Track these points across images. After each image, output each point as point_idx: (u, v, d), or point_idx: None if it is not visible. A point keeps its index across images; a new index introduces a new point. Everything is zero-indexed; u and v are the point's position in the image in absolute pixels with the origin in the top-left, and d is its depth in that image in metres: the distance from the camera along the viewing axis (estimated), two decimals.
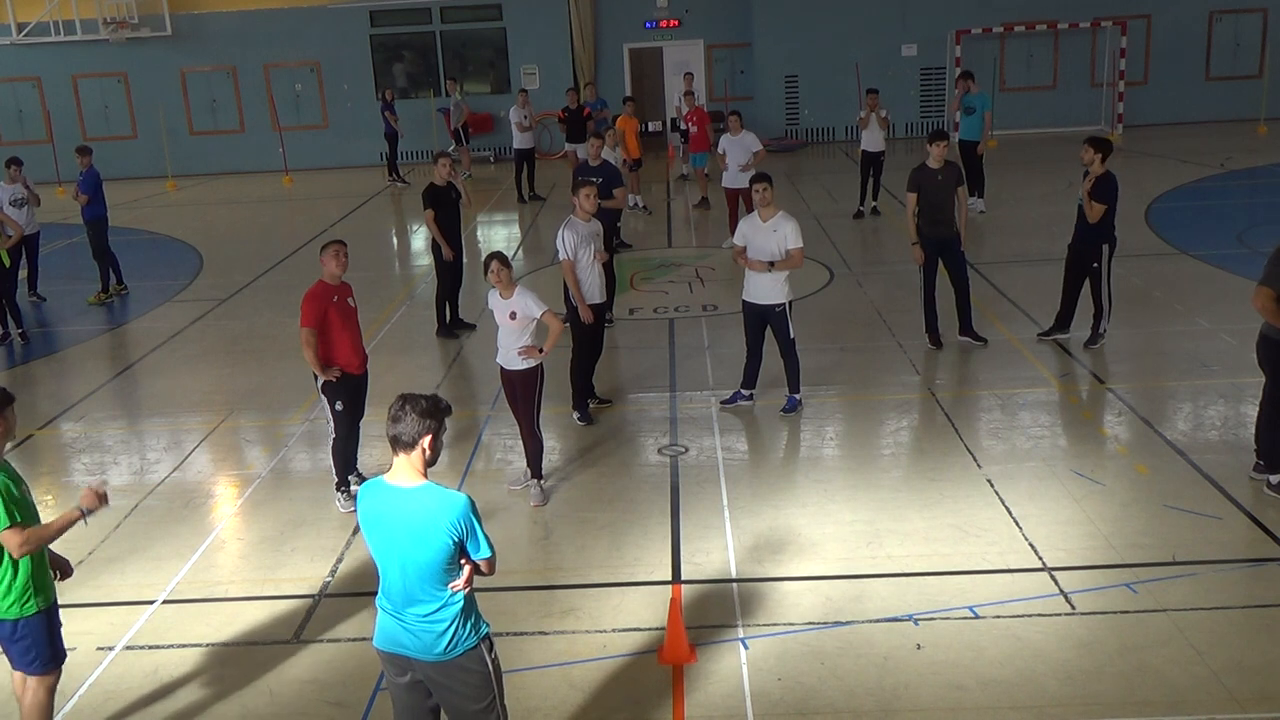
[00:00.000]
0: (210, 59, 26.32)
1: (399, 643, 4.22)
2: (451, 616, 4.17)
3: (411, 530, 4.08)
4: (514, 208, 20.15)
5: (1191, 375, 9.58)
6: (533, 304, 7.49)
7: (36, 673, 4.95)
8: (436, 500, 4.10)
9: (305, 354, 7.50)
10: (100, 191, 14.30)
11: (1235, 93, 24.97)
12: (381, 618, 4.27)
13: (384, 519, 4.14)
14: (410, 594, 4.14)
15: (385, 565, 4.19)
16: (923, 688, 5.43)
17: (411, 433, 4.10)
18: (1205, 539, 6.74)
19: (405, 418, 4.10)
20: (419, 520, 4.08)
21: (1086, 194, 9.90)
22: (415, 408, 4.12)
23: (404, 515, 4.10)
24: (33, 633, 4.87)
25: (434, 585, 4.13)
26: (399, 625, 4.20)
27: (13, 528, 4.65)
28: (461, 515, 4.09)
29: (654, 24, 26.32)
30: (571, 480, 8.11)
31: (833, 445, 8.69)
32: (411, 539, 4.08)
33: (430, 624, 4.15)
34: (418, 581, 4.12)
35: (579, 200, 9.02)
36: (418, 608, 4.15)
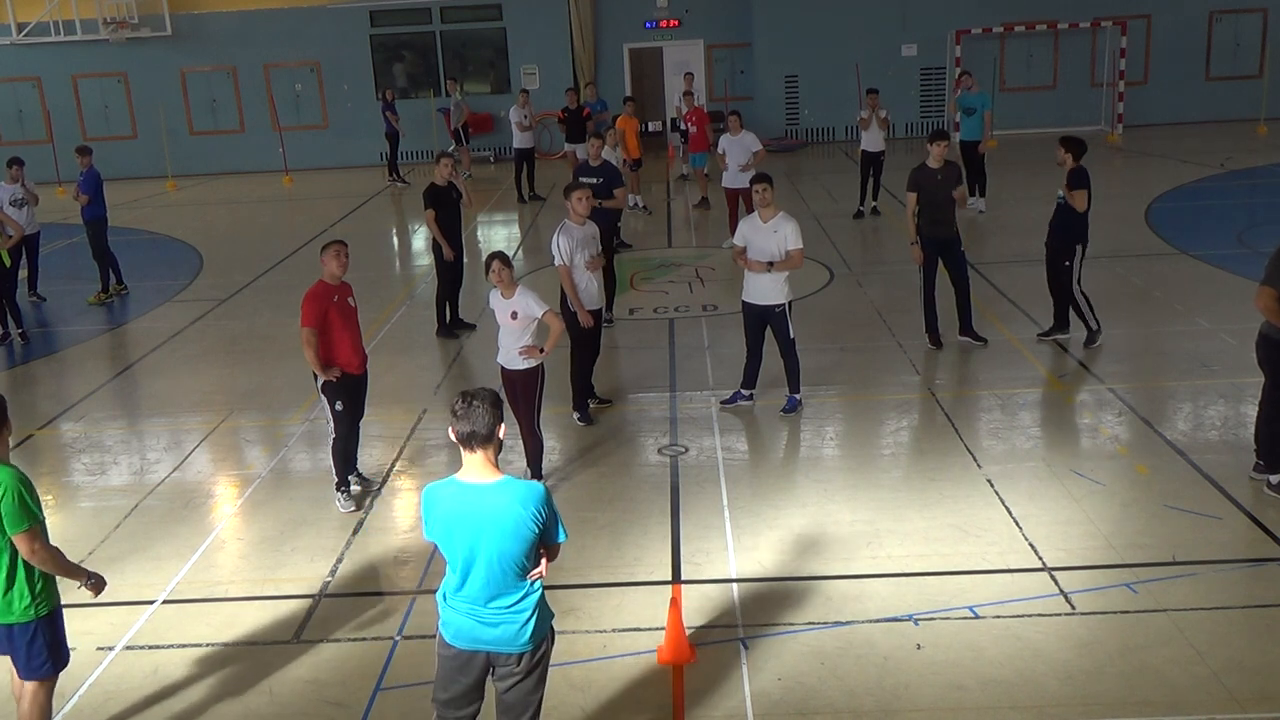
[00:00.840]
0: (210, 59, 26.33)
1: (480, 639, 4.27)
2: (533, 605, 4.27)
3: (498, 524, 4.13)
4: (514, 208, 20.16)
5: (1191, 375, 9.59)
6: (534, 304, 7.49)
7: (44, 676, 4.93)
8: (518, 491, 4.18)
9: (305, 354, 7.50)
10: (100, 192, 14.31)
11: (1235, 93, 24.97)
12: (453, 616, 4.29)
13: (467, 517, 4.17)
14: (495, 588, 4.20)
15: (468, 563, 4.21)
16: (923, 688, 5.43)
17: (488, 424, 4.14)
18: (1205, 539, 6.74)
19: (476, 411, 4.13)
20: (505, 513, 4.13)
21: (1066, 188, 9.94)
22: (483, 400, 4.15)
23: (490, 510, 4.15)
24: (43, 636, 4.86)
25: (517, 576, 4.21)
26: (478, 622, 4.24)
27: (33, 529, 4.66)
28: (543, 502, 4.20)
29: (654, 24, 26.33)
30: (571, 480, 8.11)
31: (833, 445, 8.69)
32: (499, 532, 4.14)
33: (515, 614, 4.23)
34: (502, 574, 4.18)
35: (572, 204, 8.97)
36: (502, 600, 4.22)
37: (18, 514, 4.62)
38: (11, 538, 4.66)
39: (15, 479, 4.65)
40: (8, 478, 4.64)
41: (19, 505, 4.62)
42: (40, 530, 4.71)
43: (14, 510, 4.62)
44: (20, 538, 4.65)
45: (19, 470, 4.73)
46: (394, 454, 8.74)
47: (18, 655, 4.88)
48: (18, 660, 4.89)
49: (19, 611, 4.78)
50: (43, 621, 4.84)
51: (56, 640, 4.94)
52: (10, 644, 4.86)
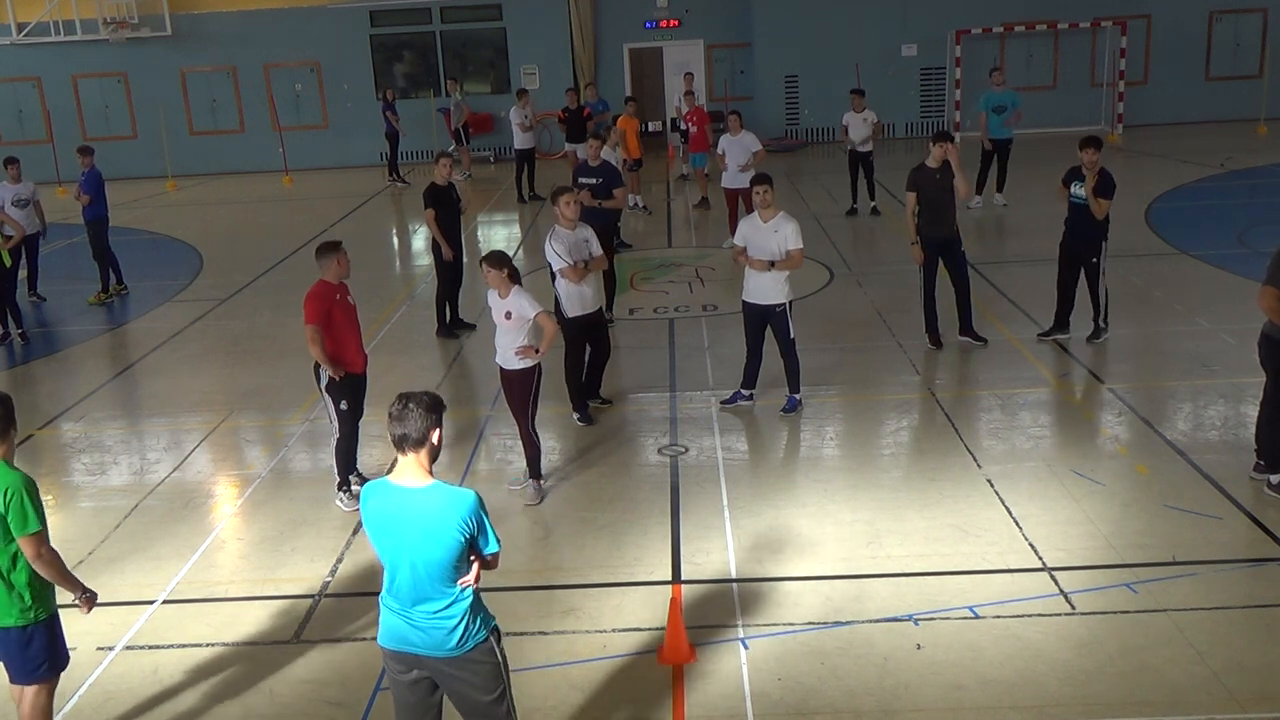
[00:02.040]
0: (210, 59, 26.33)
1: (407, 641, 4.23)
2: (461, 612, 4.19)
3: (423, 529, 4.10)
4: (514, 208, 20.16)
5: (1191, 375, 9.58)
6: (527, 305, 7.48)
7: (41, 680, 4.91)
8: (446, 498, 4.13)
9: (313, 350, 7.48)
10: (102, 192, 14.30)
11: (1235, 93, 24.97)
12: (387, 616, 4.28)
13: (393, 519, 4.15)
14: (420, 592, 4.16)
15: (393, 565, 4.19)
16: (923, 688, 5.43)
17: (420, 429, 4.12)
18: (1205, 539, 6.74)
19: (410, 415, 4.12)
20: (430, 519, 4.09)
21: (1092, 192, 9.91)
22: (419, 404, 4.14)
23: (414, 514, 4.11)
24: (40, 639, 4.84)
25: (444, 582, 4.15)
26: (407, 623, 4.21)
27: (39, 534, 4.65)
28: (471, 511, 4.13)
29: (654, 24, 26.33)
30: (571, 480, 8.11)
31: (833, 445, 8.69)
32: (423, 537, 4.09)
33: (441, 620, 4.17)
34: (428, 579, 4.14)
35: (560, 209, 8.89)
36: (427, 605, 4.17)
37: (24, 517, 4.61)
38: (18, 541, 4.65)
39: (21, 482, 4.65)
40: (15, 481, 4.63)
41: (25, 509, 4.61)
42: (45, 535, 4.70)
43: (19, 513, 4.61)
44: (26, 541, 4.64)
45: (25, 474, 4.72)
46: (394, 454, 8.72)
47: (12, 659, 4.84)
48: (12, 664, 4.86)
49: (17, 615, 4.76)
50: (40, 625, 4.82)
51: (54, 644, 4.92)
52: (6, 648, 4.83)
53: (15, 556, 4.70)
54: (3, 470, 4.65)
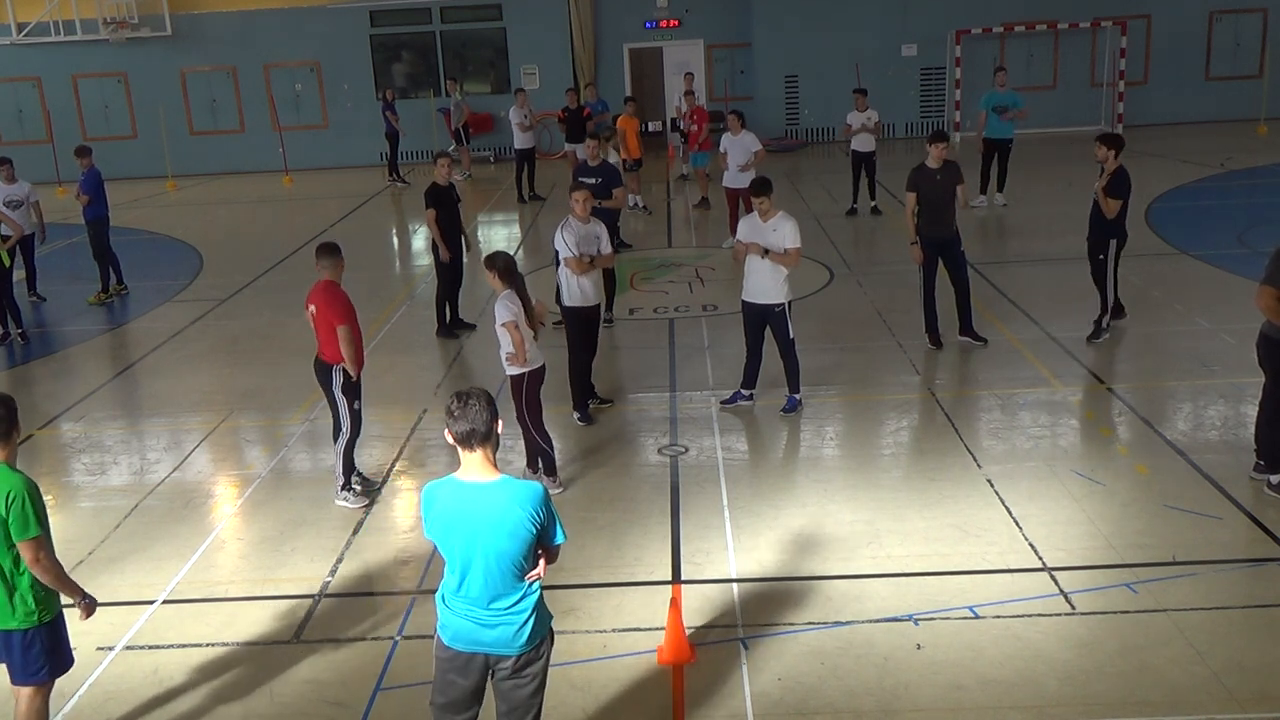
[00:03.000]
0: (210, 59, 26.33)
1: (479, 640, 4.25)
2: (532, 606, 4.25)
3: (497, 524, 4.12)
4: (514, 208, 20.16)
5: (1191, 375, 9.58)
6: (500, 311, 7.48)
7: (39, 682, 4.90)
8: (516, 491, 4.16)
9: (347, 351, 7.54)
10: (101, 192, 14.28)
11: (1235, 93, 24.98)
12: (452, 618, 4.27)
13: (465, 516, 4.16)
14: (493, 589, 4.18)
15: (465, 563, 4.19)
16: (923, 688, 5.43)
17: (485, 422, 4.13)
18: (1205, 539, 6.74)
19: (473, 410, 4.12)
20: (503, 513, 4.12)
21: (1102, 191, 9.94)
22: (479, 399, 4.14)
23: (487, 510, 4.13)
24: (42, 642, 4.82)
25: (516, 577, 4.19)
26: (478, 623, 4.22)
27: (39, 538, 4.63)
28: (542, 502, 4.18)
29: (654, 24, 26.33)
30: (571, 480, 8.11)
31: (833, 445, 8.69)
32: (497, 532, 4.12)
33: (513, 615, 4.21)
34: (500, 574, 4.17)
35: (571, 203, 9.08)
36: (501, 601, 4.20)
37: (24, 521, 4.59)
38: (18, 546, 4.63)
39: (24, 486, 4.63)
40: (18, 484, 4.61)
41: (26, 513, 4.59)
42: (45, 540, 4.68)
43: (20, 517, 4.59)
44: (25, 545, 4.61)
45: (28, 478, 4.70)
46: (394, 454, 8.74)
47: (14, 661, 4.83)
48: (13, 666, 4.84)
49: (20, 617, 4.75)
50: (43, 628, 4.81)
51: (56, 646, 4.91)
52: (8, 650, 4.82)
53: (18, 559, 4.69)
54: (5, 474, 4.63)
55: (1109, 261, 10.19)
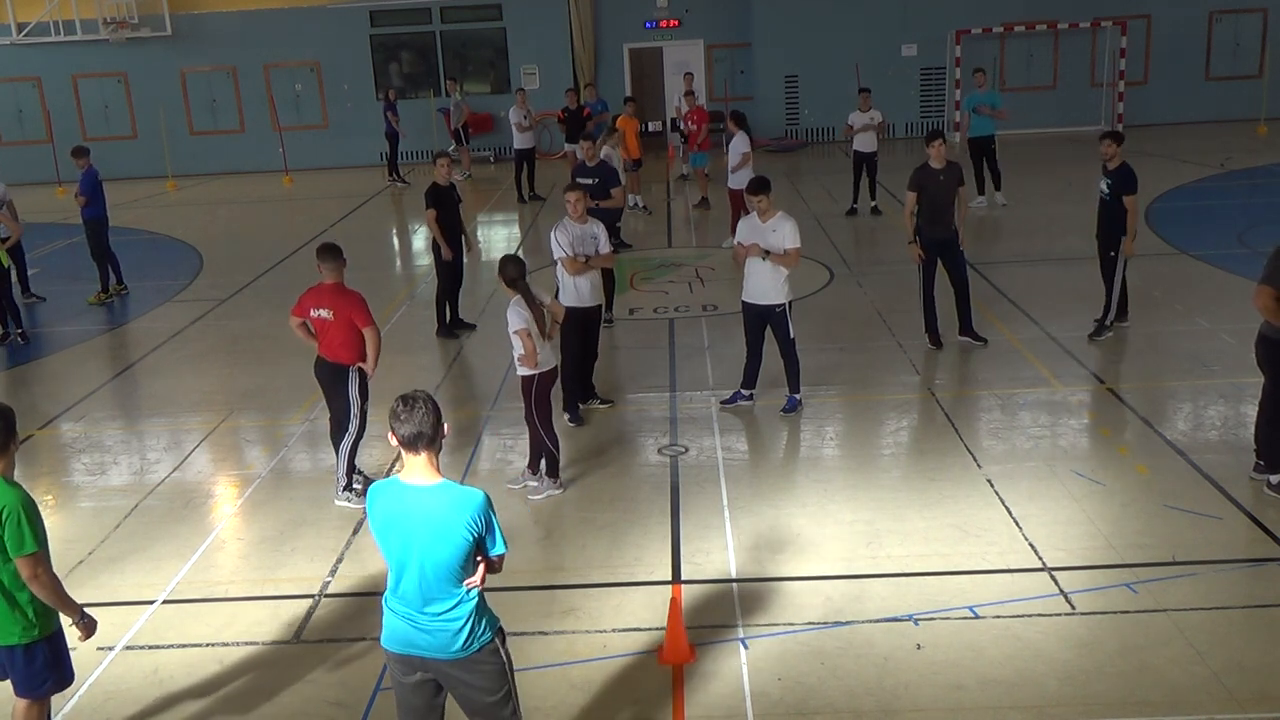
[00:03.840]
0: (210, 59, 26.33)
1: (413, 643, 4.22)
2: (467, 613, 4.19)
3: (432, 528, 4.09)
4: (514, 208, 20.16)
5: (1191, 375, 9.59)
6: (511, 318, 7.58)
7: (43, 696, 4.87)
8: (456, 497, 4.12)
9: (374, 350, 7.63)
10: (99, 192, 14.23)
11: (1235, 93, 24.98)
12: (391, 619, 4.27)
13: (402, 518, 4.14)
14: (427, 593, 4.15)
15: (401, 565, 4.17)
16: (923, 688, 5.43)
17: (431, 426, 4.11)
18: (1205, 539, 6.74)
19: (418, 413, 4.10)
20: (439, 518, 4.08)
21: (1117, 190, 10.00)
22: (425, 402, 4.13)
23: (424, 513, 4.10)
24: (44, 656, 4.79)
25: (451, 583, 4.14)
26: (412, 626, 4.20)
27: (37, 554, 4.56)
28: (480, 511, 4.11)
29: (654, 24, 26.32)
30: (571, 480, 8.10)
31: (833, 445, 8.69)
32: (432, 536, 4.09)
33: (447, 621, 4.17)
34: (435, 580, 4.13)
35: (567, 204, 9.05)
36: (434, 606, 4.16)
37: (20, 537, 4.51)
38: (15, 561, 4.55)
39: (20, 501, 4.54)
40: (13, 499, 4.53)
41: (23, 529, 4.51)
42: (43, 556, 4.60)
43: (16, 533, 4.51)
44: (23, 562, 4.54)
45: (25, 492, 4.63)
46: (394, 454, 8.74)
47: (17, 675, 4.79)
48: (17, 680, 4.80)
49: (20, 632, 4.70)
50: (43, 642, 4.77)
51: (58, 660, 4.87)
52: (10, 665, 4.78)
53: (17, 573, 4.62)
54: (1, 487, 4.56)
55: (1120, 258, 10.21)
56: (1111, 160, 10.17)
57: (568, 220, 9.03)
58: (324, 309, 7.60)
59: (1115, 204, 10.14)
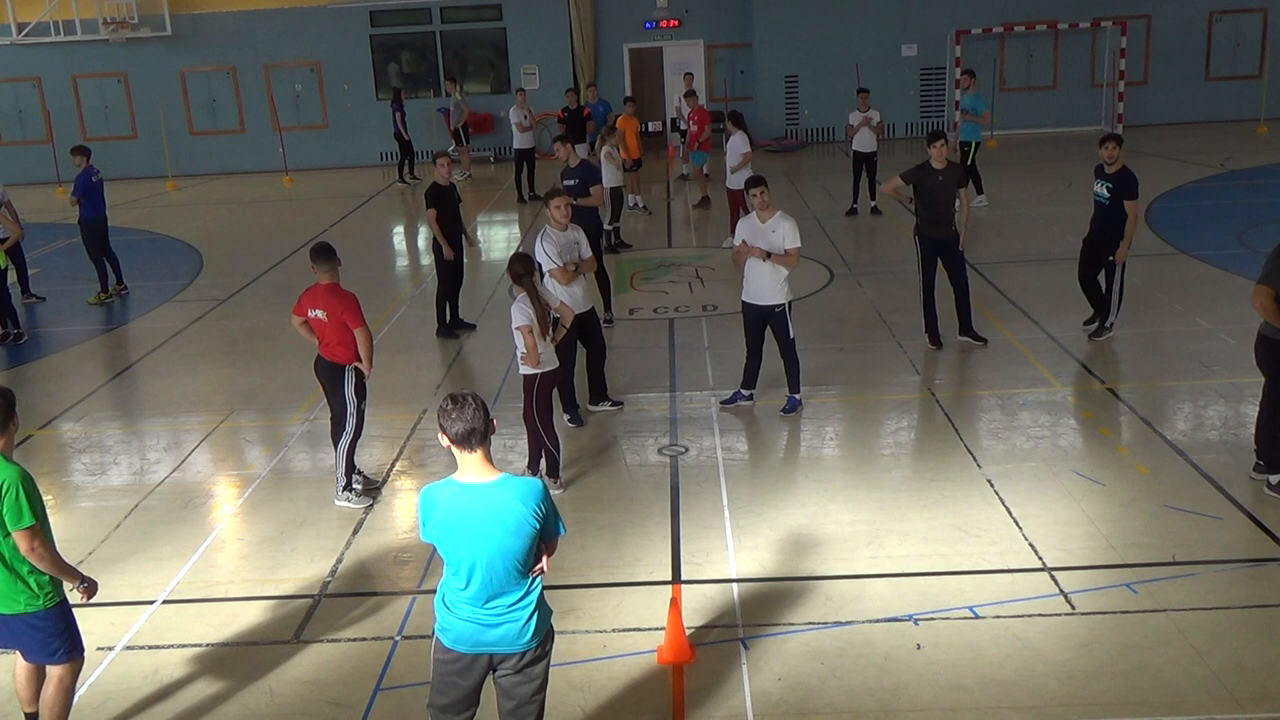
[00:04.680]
0: (210, 59, 26.32)
1: (481, 641, 4.25)
2: (535, 602, 4.26)
3: (500, 522, 4.12)
4: (514, 208, 20.16)
5: (1191, 375, 9.59)
6: (516, 315, 7.62)
7: (61, 661, 5.04)
8: (517, 488, 4.18)
9: (365, 350, 7.61)
10: (94, 194, 14.13)
11: (1235, 93, 24.97)
12: (453, 621, 4.27)
13: (469, 517, 4.15)
14: (496, 586, 4.19)
15: (469, 563, 4.18)
16: (923, 688, 5.43)
17: (483, 423, 4.13)
18: (1205, 539, 6.74)
19: (469, 410, 4.12)
20: (506, 511, 4.13)
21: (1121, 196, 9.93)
22: (474, 400, 4.15)
23: (490, 509, 4.14)
24: (53, 623, 4.96)
25: (519, 574, 4.20)
26: (480, 624, 4.23)
27: (33, 527, 4.74)
28: (542, 497, 4.20)
29: (654, 24, 26.31)
30: (571, 480, 8.11)
31: (833, 445, 8.69)
32: (501, 530, 4.13)
33: (517, 613, 4.22)
34: (504, 572, 4.17)
35: (551, 211, 8.95)
36: (504, 599, 4.21)
37: (18, 511, 4.70)
38: (12, 535, 4.74)
39: (18, 476, 4.74)
40: (11, 475, 4.73)
41: (20, 503, 4.70)
42: (41, 528, 4.79)
43: (14, 507, 4.70)
44: (20, 535, 4.73)
45: (22, 469, 4.81)
46: (394, 454, 8.75)
47: (27, 643, 4.99)
48: (27, 648, 5.01)
49: (24, 602, 4.87)
50: (50, 611, 4.94)
51: (67, 628, 5.04)
52: (20, 635, 4.97)
53: (16, 547, 4.80)
54: (1, 464, 4.74)
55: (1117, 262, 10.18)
56: (1113, 164, 10.10)
57: (550, 229, 8.96)
58: (318, 309, 7.62)
59: (1115, 208, 10.07)
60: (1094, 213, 10.39)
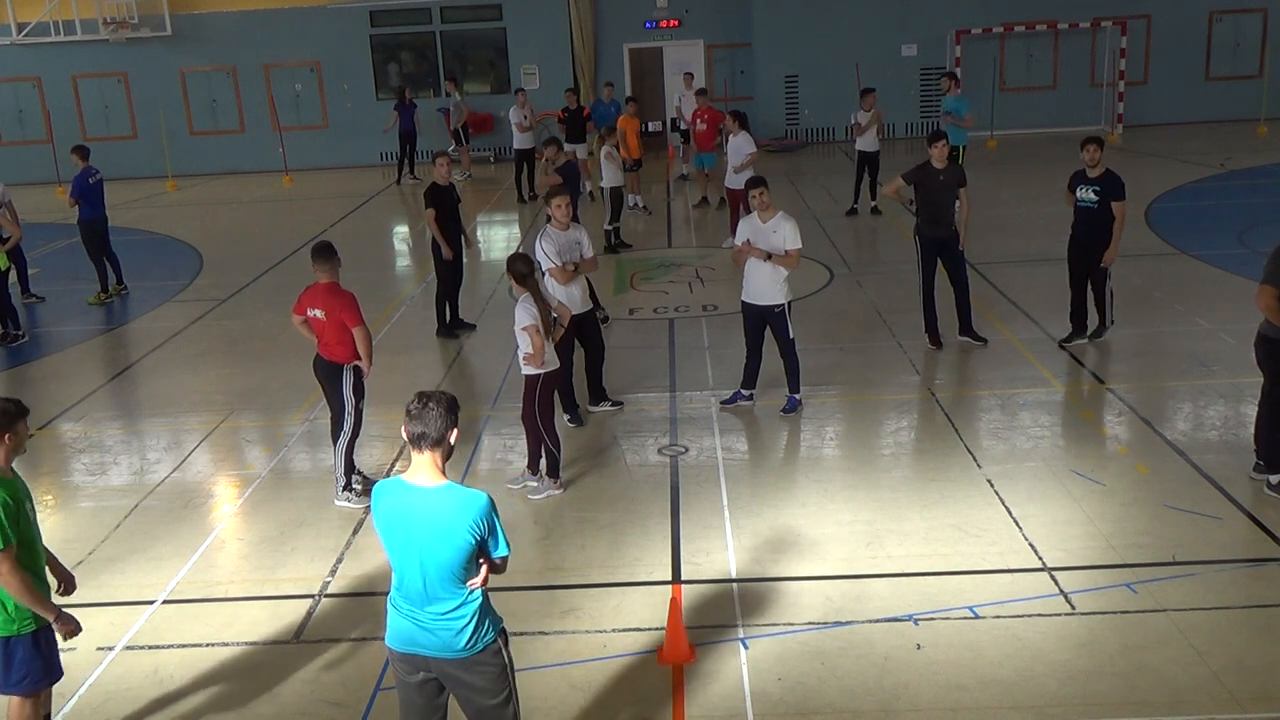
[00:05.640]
0: (210, 59, 26.30)
1: (416, 642, 4.23)
2: (470, 614, 4.20)
3: (434, 529, 4.09)
4: (514, 208, 20.16)
5: (1191, 375, 9.59)
6: (521, 315, 7.61)
7: (22, 691, 4.87)
8: (459, 499, 4.13)
9: (365, 350, 7.59)
10: (92, 195, 14.12)
11: (1235, 93, 24.95)
12: (395, 618, 4.28)
13: (405, 518, 4.14)
14: (430, 593, 4.16)
15: (403, 564, 4.18)
16: (923, 688, 5.43)
17: (439, 428, 4.11)
18: (1205, 539, 6.74)
19: (430, 413, 4.10)
20: (442, 519, 4.09)
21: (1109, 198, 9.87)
22: (439, 403, 4.12)
23: (426, 514, 4.11)
24: (24, 652, 4.80)
25: (454, 583, 4.15)
26: (416, 625, 4.21)
27: (3, 552, 4.55)
28: (483, 514, 4.12)
29: (654, 24, 26.31)
30: (572, 480, 8.11)
31: (833, 445, 8.69)
32: (434, 537, 4.09)
33: (450, 621, 4.18)
34: (438, 580, 4.14)
35: (552, 210, 8.97)
36: (437, 606, 4.17)
37: None
38: None
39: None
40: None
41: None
42: (11, 554, 4.58)
43: None
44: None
45: (5, 490, 4.65)
46: (394, 454, 8.74)
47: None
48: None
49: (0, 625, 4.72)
50: (23, 639, 4.78)
51: (40, 657, 4.86)
52: None
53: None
54: None
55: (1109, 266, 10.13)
56: (1095, 166, 10.04)
57: (551, 228, 8.98)
58: (317, 309, 7.62)
59: (1103, 211, 9.96)
60: (1078, 218, 10.26)
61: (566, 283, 8.83)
